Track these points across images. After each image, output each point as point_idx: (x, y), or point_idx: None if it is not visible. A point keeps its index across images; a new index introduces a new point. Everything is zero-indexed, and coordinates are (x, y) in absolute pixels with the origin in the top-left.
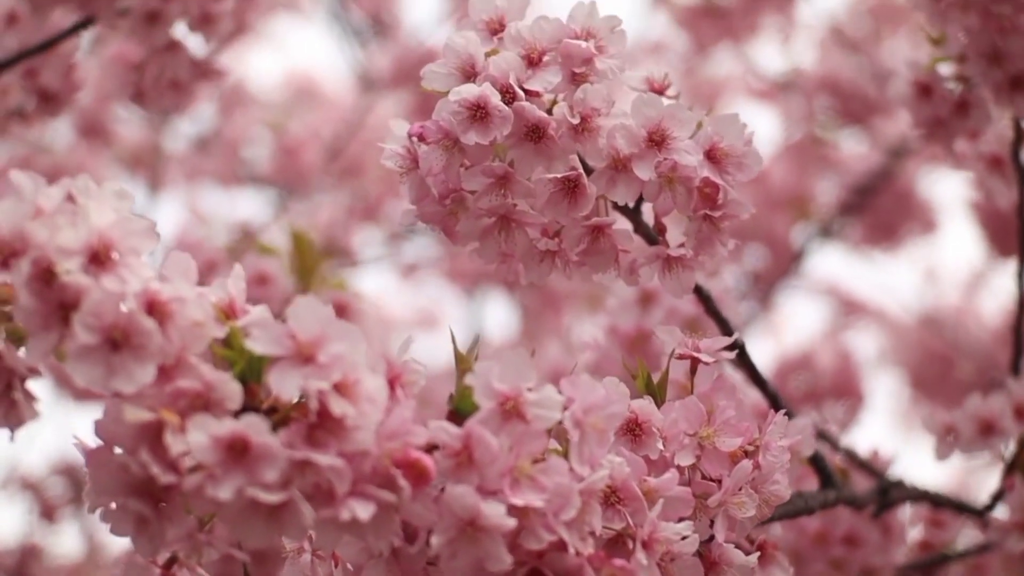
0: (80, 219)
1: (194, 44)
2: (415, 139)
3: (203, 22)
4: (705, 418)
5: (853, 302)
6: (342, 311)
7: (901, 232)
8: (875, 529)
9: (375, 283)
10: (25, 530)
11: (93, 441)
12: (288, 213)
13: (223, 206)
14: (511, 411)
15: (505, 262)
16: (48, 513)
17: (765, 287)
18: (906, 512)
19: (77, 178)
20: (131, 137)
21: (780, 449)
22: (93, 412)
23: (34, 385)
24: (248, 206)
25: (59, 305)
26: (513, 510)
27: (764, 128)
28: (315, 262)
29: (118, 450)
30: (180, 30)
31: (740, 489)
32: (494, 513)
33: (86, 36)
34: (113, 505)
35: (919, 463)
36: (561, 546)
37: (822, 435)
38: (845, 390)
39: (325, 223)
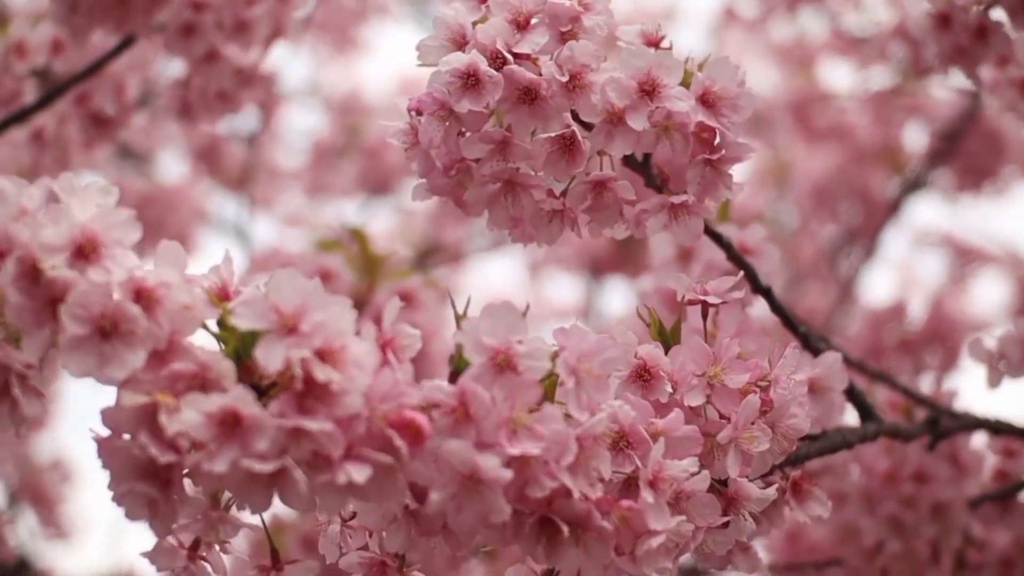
0: (63, 216)
1: (237, 53)
2: (414, 113)
3: (238, 29)
4: (712, 358)
5: (968, 250)
6: (407, 300)
7: (998, 175)
8: (944, 464)
9: (497, 277)
10: None
11: (104, 431)
12: (380, 216)
13: (323, 217)
14: (503, 364)
15: (517, 226)
16: None
17: (867, 240)
18: (978, 444)
19: (60, 177)
20: (236, 157)
21: (793, 382)
22: None
23: (40, 382)
24: (347, 215)
25: (49, 301)
26: (513, 460)
27: (846, 82)
28: (379, 257)
29: (124, 437)
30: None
31: (752, 424)
32: (491, 465)
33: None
34: (125, 491)
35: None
36: (566, 493)
37: (881, 377)
38: (940, 339)
39: (423, 221)
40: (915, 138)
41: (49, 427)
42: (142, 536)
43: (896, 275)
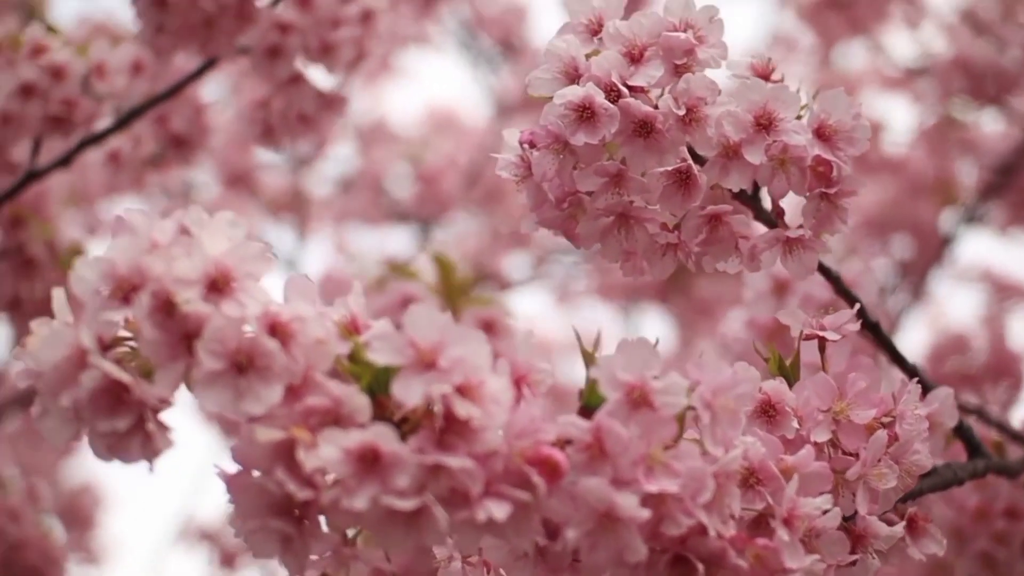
0: (195, 249)
1: (319, 76)
2: (526, 146)
3: (323, 53)
4: (837, 393)
5: (1010, 286)
6: (489, 328)
7: None
8: None
9: (529, 306)
10: None
11: (232, 467)
12: (432, 243)
13: (370, 243)
14: (638, 400)
15: (629, 259)
16: (228, 561)
17: (916, 276)
18: None
19: (189, 210)
20: (274, 183)
21: (916, 418)
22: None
23: (169, 416)
24: (394, 241)
25: (183, 335)
26: (649, 498)
27: (900, 116)
28: (461, 284)
29: (256, 473)
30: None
31: (879, 460)
32: (628, 503)
33: (220, 84)
34: (256, 527)
35: None
36: (702, 530)
37: (976, 412)
38: (1003, 372)
39: (472, 250)
40: (968, 172)
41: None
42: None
43: (935, 310)
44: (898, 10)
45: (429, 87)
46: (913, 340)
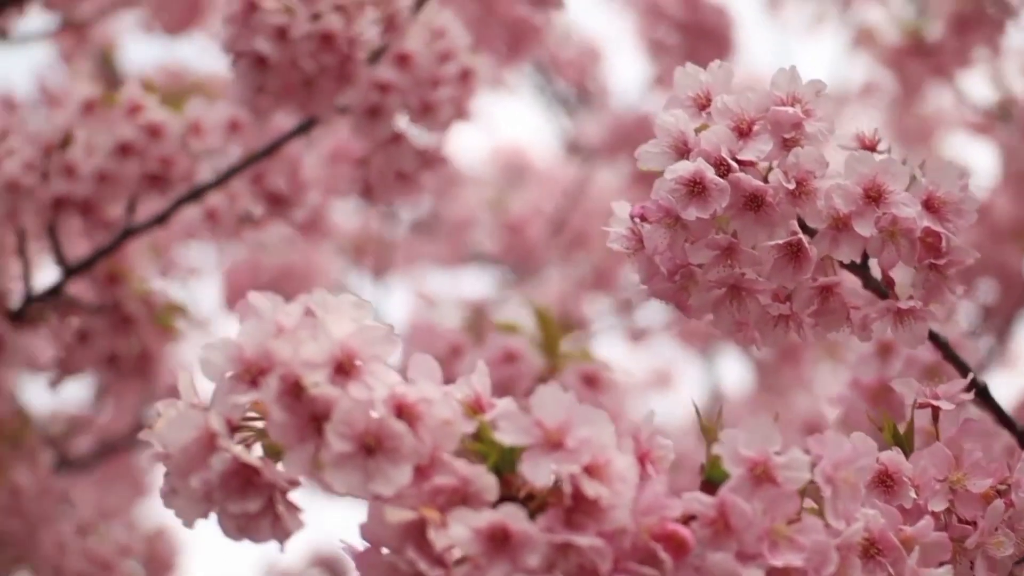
0: (321, 332)
1: (416, 133)
2: (638, 220)
3: (423, 112)
4: (953, 463)
5: None
6: (592, 383)
7: None
8: None
9: (607, 351)
10: None
11: (360, 544)
12: (518, 289)
13: (449, 288)
14: (761, 476)
15: (741, 330)
16: None
17: (1001, 322)
18: None
19: (313, 292)
20: (350, 227)
21: None
22: (344, 506)
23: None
24: (473, 285)
25: (311, 417)
26: (774, 572)
27: (983, 161)
28: (559, 336)
29: (385, 551)
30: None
31: (996, 529)
32: None
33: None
34: None
35: None
36: None
37: None
38: None
39: (556, 296)
40: None
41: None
42: None
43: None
44: (981, 54)
45: (499, 128)
46: (998, 384)
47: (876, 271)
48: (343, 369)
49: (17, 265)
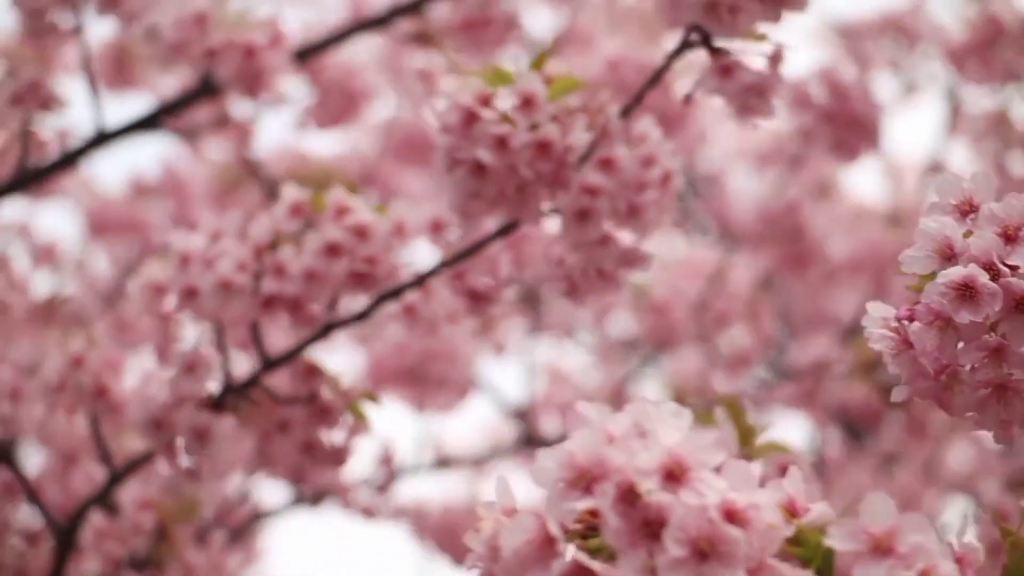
0: (651, 440)
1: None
2: (904, 321)
3: (630, 215)
4: None
5: None
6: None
7: None
8: None
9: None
10: None
11: None
12: (655, 367)
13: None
14: None
15: (1005, 428)
16: None
17: None
18: None
19: (633, 403)
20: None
21: None
22: None
23: None
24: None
25: (643, 522)
26: None
27: None
28: (753, 427)
29: None
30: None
31: None
32: None
33: None
34: None
35: None
36: None
37: None
38: None
39: (693, 373)
40: None
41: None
42: None
43: None
44: None
45: None
46: None
47: None
48: (673, 476)
49: (216, 357)
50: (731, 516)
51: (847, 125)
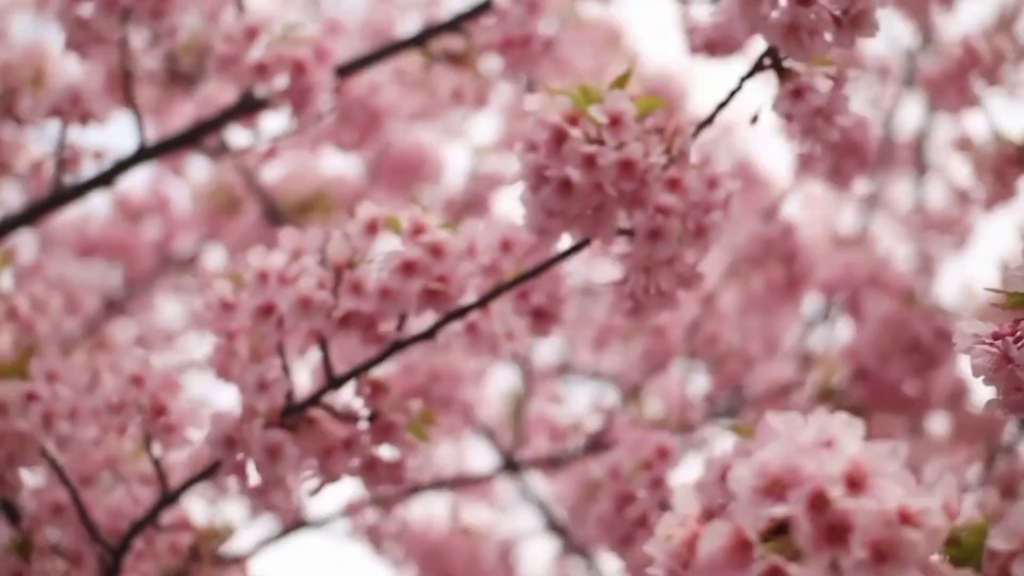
0: (837, 450)
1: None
2: (1008, 338)
3: (698, 235)
4: None
5: None
6: None
7: None
8: None
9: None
10: None
11: None
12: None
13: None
14: None
15: None
16: None
17: None
18: None
19: (817, 415)
20: None
21: None
22: None
23: None
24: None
25: (828, 527)
26: None
27: None
28: None
29: None
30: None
31: None
32: None
33: None
34: None
35: None
36: None
37: None
38: None
39: (673, 398)
40: None
41: None
42: None
43: None
44: None
45: None
46: None
47: None
48: (855, 483)
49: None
50: (907, 520)
51: (845, 152)
